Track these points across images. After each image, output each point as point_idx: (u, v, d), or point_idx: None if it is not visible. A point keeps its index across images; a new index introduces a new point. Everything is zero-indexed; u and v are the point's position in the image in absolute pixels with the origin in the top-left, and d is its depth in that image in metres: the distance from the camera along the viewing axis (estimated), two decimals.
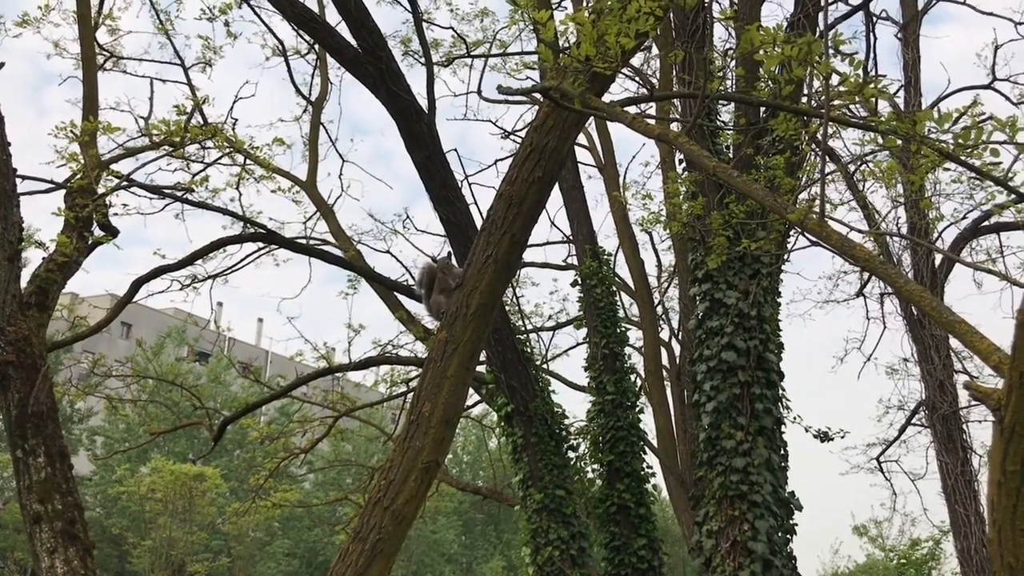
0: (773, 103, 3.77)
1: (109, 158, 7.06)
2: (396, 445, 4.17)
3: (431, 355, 4.20)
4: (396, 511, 4.01)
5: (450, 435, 4.19)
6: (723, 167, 2.88)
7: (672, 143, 2.89)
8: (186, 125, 6.43)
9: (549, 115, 4.04)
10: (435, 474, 4.16)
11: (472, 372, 4.28)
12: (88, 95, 7.18)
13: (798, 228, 2.25)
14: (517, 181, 4.10)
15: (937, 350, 13.97)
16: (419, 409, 4.11)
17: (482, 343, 4.35)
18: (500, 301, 4.37)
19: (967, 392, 2.72)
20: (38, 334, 6.43)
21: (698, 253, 9.49)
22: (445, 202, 9.14)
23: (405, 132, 9.00)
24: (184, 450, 36.89)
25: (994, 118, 3.14)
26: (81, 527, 6.08)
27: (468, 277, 4.17)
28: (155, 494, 29.65)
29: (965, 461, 13.60)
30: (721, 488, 8.93)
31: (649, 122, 3.32)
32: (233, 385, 38.73)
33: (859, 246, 2.26)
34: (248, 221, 9.18)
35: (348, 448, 35.82)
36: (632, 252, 15.29)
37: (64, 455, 6.30)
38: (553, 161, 4.10)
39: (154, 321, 46.17)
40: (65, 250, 6.56)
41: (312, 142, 15.23)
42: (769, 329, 9.36)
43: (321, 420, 15.19)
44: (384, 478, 4.09)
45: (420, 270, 4.70)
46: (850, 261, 2.16)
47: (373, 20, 9.00)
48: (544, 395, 9.79)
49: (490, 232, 4.16)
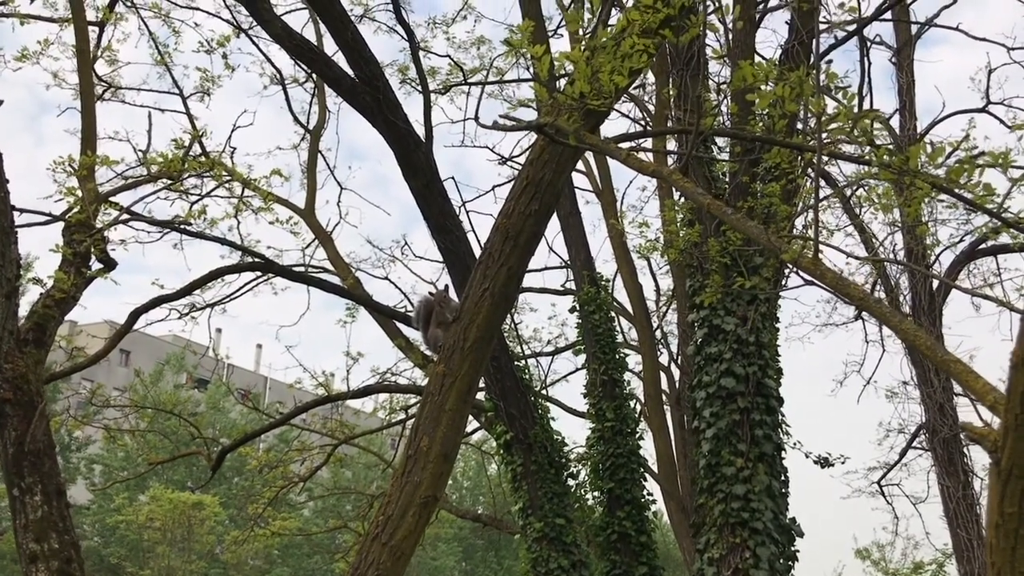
0: (766, 139, 3.79)
1: (107, 191, 7.07)
2: (394, 480, 4.16)
3: (429, 388, 4.19)
4: (394, 547, 3.99)
5: (448, 469, 4.17)
6: (717, 204, 2.89)
7: (667, 180, 2.89)
8: (184, 158, 6.45)
9: (545, 149, 4.06)
10: (433, 509, 4.14)
11: (470, 405, 4.26)
12: (86, 129, 7.21)
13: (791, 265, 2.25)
14: (514, 214, 4.11)
15: (937, 373, 13.94)
16: (417, 443, 4.09)
17: (479, 376, 4.34)
18: (498, 333, 4.36)
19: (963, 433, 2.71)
20: (35, 371, 6.42)
21: (696, 280, 9.49)
22: (443, 231, 9.14)
23: (402, 160, 9.03)
24: (183, 478, 36.73)
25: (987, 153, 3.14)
26: (78, 566, 6.03)
27: (465, 310, 4.17)
28: (154, 523, 29.51)
29: (966, 484, 13.56)
30: (722, 515, 8.89)
31: (643, 159, 3.33)
32: (232, 412, 38.62)
33: (854, 285, 2.26)
34: (246, 251, 9.19)
35: (348, 475, 35.69)
36: (630, 277, 15.29)
37: (61, 492, 6.26)
38: (549, 194, 4.11)
39: (152, 348, 46.08)
40: (63, 286, 6.55)
41: (310, 170, 15.28)
42: (768, 355, 9.35)
43: (320, 448, 15.14)
44: (382, 513, 4.07)
45: (417, 303, 4.70)
46: (845, 300, 2.15)
47: (369, 50, 9.05)
48: (543, 423, 9.76)
49: (487, 265, 4.16)
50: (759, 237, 2.44)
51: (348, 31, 8.91)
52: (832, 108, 3.31)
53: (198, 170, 6.74)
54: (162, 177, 6.76)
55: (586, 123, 3.49)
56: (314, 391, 15.03)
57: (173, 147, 6.48)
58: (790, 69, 3.32)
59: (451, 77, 16.05)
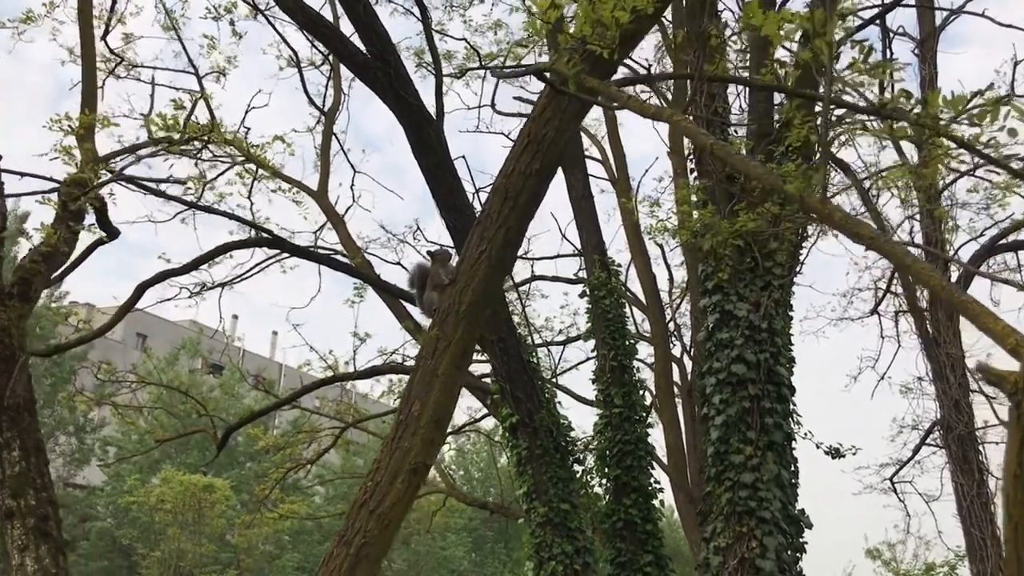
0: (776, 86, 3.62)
1: (106, 154, 6.98)
2: (384, 446, 4.04)
3: (421, 353, 4.08)
4: (382, 514, 3.87)
5: (440, 437, 4.05)
6: (720, 144, 2.75)
7: (669, 122, 2.76)
8: (186, 121, 6.34)
9: (548, 105, 3.92)
10: (424, 476, 4.02)
11: (464, 371, 4.14)
12: (87, 91, 7.12)
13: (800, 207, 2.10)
14: (513, 174, 3.97)
15: (952, 369, 13.72)
16: (408, 409, 3.97)
17: (474, 341, 4.21)
18: (496, 300, 4.23)
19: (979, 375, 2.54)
20: (18, 325, 6.31)
21: (708, 264, 9.33)
22: (453, 209, 9.02)
23: (413, 138, 8.92)
24: (196, 461, 36.80)
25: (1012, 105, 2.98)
26: (55, 524, 5.93)
27: (461, 273, 4.04)
28: (164, 505, 29.54)
29: (981, 483, 13.32)
30: (729, 504, 8.74)
31: (644, 102, 3.19)
32: (246, 398, 38.67)
33: (864, 224, 2.12)
34: (254, 226, 9.10)
35: (359, 462, 35.69)
36: (644, 267, 15.14)
37: (40, 449, 6.15)
38: (551, 153, 3.97)
39: (169, 333, 46.25)
40: (49, 240, 6.45)
41: (324, 152, 15.20)
42: (780, 342, 9.18)
43: (328, 431, 15.07)
44: (370, 480, 3.96)
45: (412, 267, 4.58)
46: (855, 240, 2.02)
47: (382, 24, 8.94)
48: (550, 407, 9.63)
49: (484, 227, 4.03)
50: (763, 176, 2.30)
51: (360, 4, 8.81)
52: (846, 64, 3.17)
53: (197, 133, 6.64)
54: (162, 142, 6.68)
55: (593, 74, 3.34)
56: (323, 373, 14.97)
57: (173, 108, 6.38)
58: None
59: (467, 62, 15.93)
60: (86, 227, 6.82)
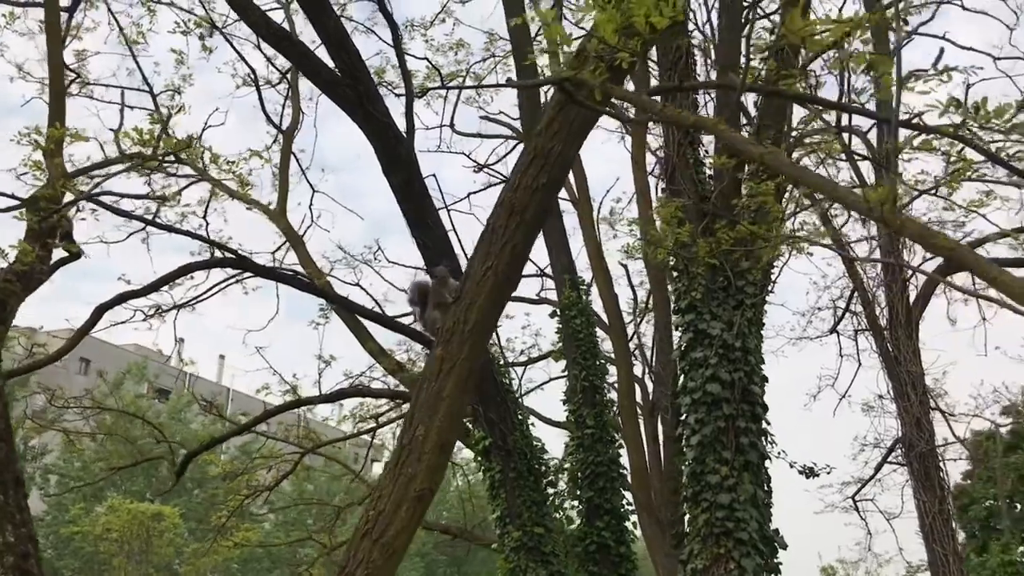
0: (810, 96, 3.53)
1: (76, 170, 6.70)
2: (386, 472, 3.86)
3: (425, 374, 3.91)
4: (386, 543, 3.69)
5: (445, 462, 3.88)
6: (773, 152, 2.66)
7: (712, 131, 2.66)
8: (160, 135, 6.11)
9: (555, 118, 3.80)
10: (428, 504, 3.85)
11: (469, 393, 3.99)
12: (55, 105, 6.84)
13: (874, 219, 2.02)
14: (520, 188, 3.84)
15: (914, 387, 13.86)
16: (412, 433, 3.80)
17: (480, 361, 4.06)
18: (499, 317, 4.09)
19: None
20: None
21: (681, 282, 9.28)
22: (423, 227, 8.89)
23: (383, 155, 8.77)
24: (142, 488, 35.89)
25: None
26: (35, 562, 5.61)
27: (466, 290, 3.89)
28: (110, 534, 28.71)
29: (942, 499, 13.45)
30: (706, 525, 8.65)
31: (680, 111, 3.09)
32: (193, 423, 37.88)
33: (941, 234, 2.04)
34: (218, 246, 8.84)
35: (310, 487, 35.07)
36: (606, 286, 15.06)
37: (19, 482, 5.83)
38: (558, 168, 3.86)
39: (113, 357, 45.14)
40: (25, 258, 6.16)
41: (283, 171, 14.93)
42: (754, 361, 9.15)
43: (285, 457, 14.72)
44: (373, 508, 3.77)
45: (411, 285, 4.42)
46: (932, 251, 1.94)
47: (352, 41, 8.79)
48: (523, 429, 9.49)
49: (490, 242, 3.89)
50: (824, 186, 2.21)
51: (331, 21, 8.65)
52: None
53: (174, 149, 6.40)
54: (135, 157, 6.42)
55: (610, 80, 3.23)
56: (282, 398, 14.63)
57: (148, 122, 6.13)
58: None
59: (428, 81, 15.82)
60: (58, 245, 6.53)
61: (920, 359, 14.06)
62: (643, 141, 15.02)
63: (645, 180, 14.71)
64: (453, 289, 4.01)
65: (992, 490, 26.29)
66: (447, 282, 4.07)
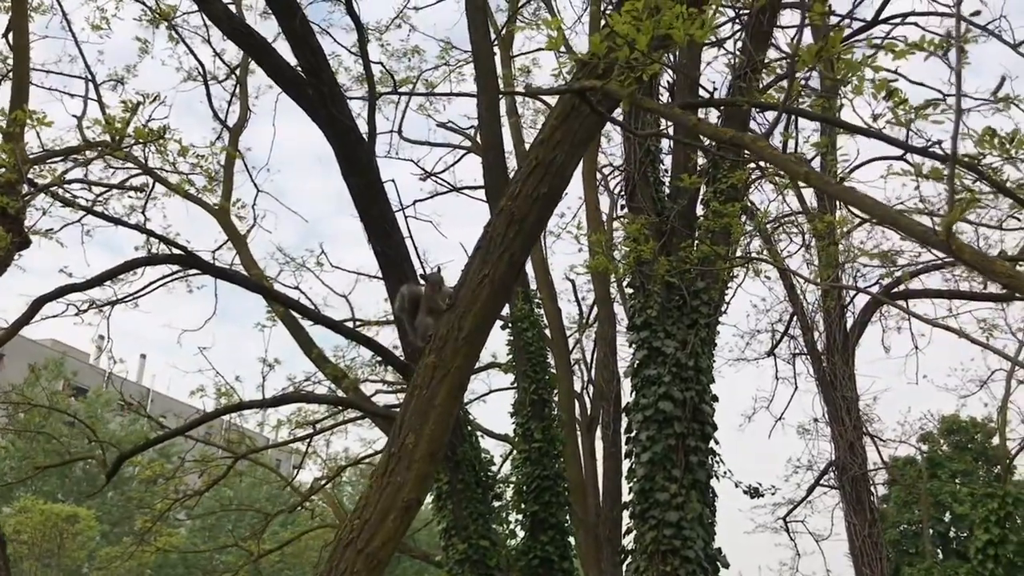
0: (867, 130, 3.50)
1: (36, 156, 6.43)
2: (373, 480, 3.75)
3: (416, 382, 3.81)
4: (371, 554, 3.58)
5: (433, 471, 3.79)
6: (816, 173, 2.64)
7: (750, 147, 2.64)
8: (129, 121, 5.88)
9: (557, 128, 3.76)
10: (415, 514, 3.74)
11: (460, 402, 3.90)
12: (17, 86, 6.54)
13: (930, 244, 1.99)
14: (520, 197, 3.78)
15: (848, 412, 14.15)
16: (402, 440, 3.70)
17: (472, 370, 3.98)
18: (492, 326, 4.02)
19: None
20: None
21: (637, 300, 9.31)
22: (382, 234, 8.75)
23: (343, 158, 8.63)
24: (53, 489, 34.71)
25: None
26: (2, 563, 5.31)
27: (461, 297, 3.81)
28: (20, 536, 27.62)
29: (872, 522, 13.73)
30: (653, 542, 8.67)
31: (716, 125, 3.06)
32: (111, 423, 36.77)
33: (999, 261, 2.05)
34: (167, 242, 8.56)
35: (229, 493, 34.31)
36: (549, 300, 15.09)
37: None
38: (559, 178, 3.81)
39: (28, 353, 43.63)
40: (0, 244, 5.86)
41: (228, 169, 14.63)
42: (705, 380, 9.22)
43: (217, 461, 14.35)
44: (358, 517, 3.66)
45: (401, 291, 4.31)
46: (989, 277, 1.94)
47: (316, 40, 8.64)
48: (472, 440, 9.39)
49: (487, 250, 3.82)
50: (882, 212, 2.20)
51: (296, 18, 8.49)
52: None
53: (143, 138, 6.18)
54: (100, 146, 6.17)
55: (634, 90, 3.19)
56: (216, 401, 14.27)
57: (121, 110, 5.90)
58: None
59: (380, 85, 15.68)
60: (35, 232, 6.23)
61: (855, 384, 14.36)
62: (594, 157, 15.13)
63: (595, 195, 14.81)
64: (447, 296, 3.93)
65: (907, 515, 27.04)
66: (441, 288, 3.99)
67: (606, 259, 8.95)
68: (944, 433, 28.55)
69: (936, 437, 28.84)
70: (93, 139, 6.50)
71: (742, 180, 8.03)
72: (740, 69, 8.62)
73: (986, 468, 27.87)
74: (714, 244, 8.59)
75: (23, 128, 6.11)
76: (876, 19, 8.73)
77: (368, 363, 15.09)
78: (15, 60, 6.76)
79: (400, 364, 8.91)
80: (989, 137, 3.19)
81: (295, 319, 12.72)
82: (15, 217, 6.15)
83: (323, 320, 8.98)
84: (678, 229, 9.10)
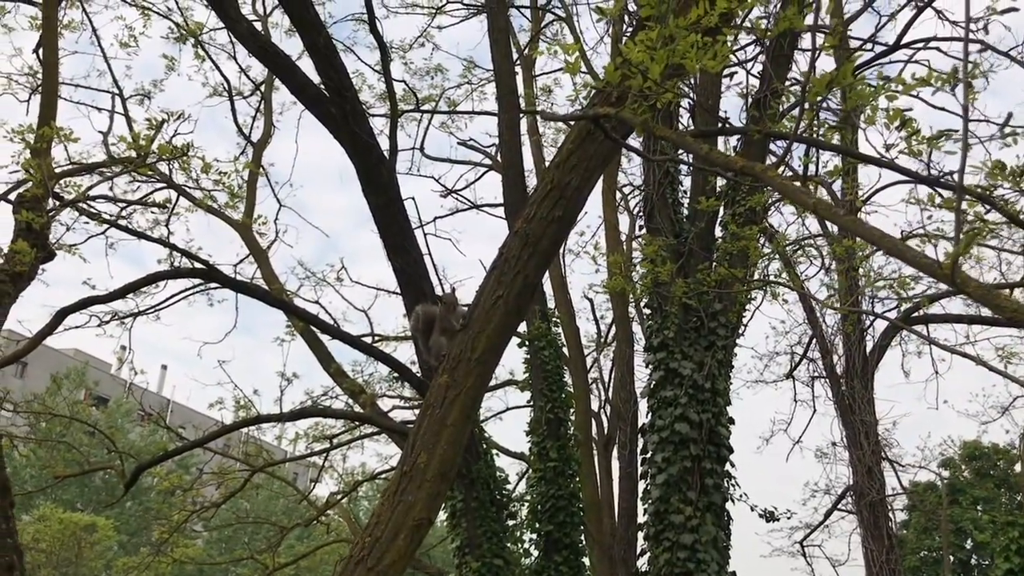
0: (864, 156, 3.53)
1: (63, 171, 6.53)
2: (384, 499, 3.78)
3: (429, 401, 3.84)
4: (381, 572, 3.61)
5: (445, 490, 3.81)
6: (824, 203, 2.67)
7: (761, 178, 2.67)
8: (154, 138, 5.97)
9: (573, 151, 3.80)
10: (426, 533, 3.78)
11: (472, 422, 3.93)
12: (46, 101, 6.66)
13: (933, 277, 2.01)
14: (535, 219, 3.82)
15: (867, 436, 14.04)
16: (414, 459, 3.73)
17: (484, 390, 4.01)
18: (505, 348, 4.05)
19: None
20: None
21: (655, 320, 9.32)
22: (400, 251, 8.82)
23: (364, 175, 8.70)
24: (73, 498, 34.95)
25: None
26: (20, 574, 5.37)
27: (475, 318, 3.85)
28: (38, 544, 27.81)
29: (890, 548, 13.60)
30: (667, 565, 8.65)
31: (728, 154, 3.10)
32: (132, 433, 37.04)
33: (1003, 295, 2.05)
34: (189, 255, 8.67)
35: (246, 505, 34.43)
36: (569, 320, 15.10)
37: (6, 488, 5.60)
38: (574, 201, 3.85)
39: (50, 360, 44.06)
40: (24, 259, 5.95)
41: (251, 184, 14.77)
42: (722, 403, 9.20)
43: (232, 473, 14.43)
44: (369, 535, 3.69)
45: (416, 311, 4.35)
46: (995, 311, 1.96)
47: (340, 58, 8.73)
48: (487, 458, 9.40)
49: (502, 271, 3.85)
50: (890, 244, 2.21)
51: (321, 37, 8.59)
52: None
53: (168, 155, 6.27)
54: (125, 162, 6.26)
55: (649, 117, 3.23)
56: (235, 414, 14.37)
57: (147, 127, 5.99)
58: None
59: (403, 103, 15.81)
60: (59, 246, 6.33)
61: (874, 409, 14.26)
62: (614, 176, 15.16)
63: (614, 215, 14.83)
64: (461, 316, 3.97)
65: (927, 541, 26.77)
66: (455, 308, 4.03)
67: (623, 280, 8.96)
68: (965, 459, 28.29)
69: (957, 463, 28.60)
70: (118, 155, 6.58)
71: (761, 203, 8.07)
72: (757, 95, 8.64)
73: (1008, 495, 27.60)
74: (732, 267, 8.58)
75: (50, 144, 6.22)
76: (898, 43, 8.75)
77: (386, 379, 15.13)
78: (44, 76, 6.89)
79: (417, 380, 8.97)
80: (999, 170, 3.21)
81: (314, 333, 12.81)
82: (40, 231, 6.24)
83: (341, 336, 9.05)
84: (696, 251, 9.11)
